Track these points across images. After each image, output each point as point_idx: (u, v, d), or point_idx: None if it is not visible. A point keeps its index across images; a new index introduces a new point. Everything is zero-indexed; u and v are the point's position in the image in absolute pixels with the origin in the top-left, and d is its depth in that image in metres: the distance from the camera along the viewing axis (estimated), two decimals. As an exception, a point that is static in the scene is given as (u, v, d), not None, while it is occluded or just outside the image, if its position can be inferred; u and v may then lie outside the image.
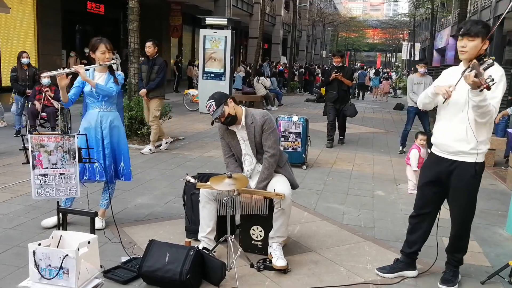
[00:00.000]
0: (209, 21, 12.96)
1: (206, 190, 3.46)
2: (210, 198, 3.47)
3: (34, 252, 2.41)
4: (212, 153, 7.45)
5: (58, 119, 7.91)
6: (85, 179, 3.89)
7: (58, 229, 3.00)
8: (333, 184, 5.96)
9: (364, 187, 5.88)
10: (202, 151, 7.63)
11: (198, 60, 13.88)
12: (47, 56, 13.32)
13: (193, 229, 3.76)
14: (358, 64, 52.25)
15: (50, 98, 7.94)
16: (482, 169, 3.11)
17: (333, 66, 8.85)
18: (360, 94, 23.56)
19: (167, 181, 5.69)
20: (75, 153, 3.07)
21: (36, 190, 3.05)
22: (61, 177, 3.07)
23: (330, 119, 8.69)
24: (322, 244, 3.91)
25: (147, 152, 7.22)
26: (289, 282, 3.22)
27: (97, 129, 3.92)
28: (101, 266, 2.63)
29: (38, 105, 7.89)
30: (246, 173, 3.64)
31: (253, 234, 3.61)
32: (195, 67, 19.42)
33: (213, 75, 12.61)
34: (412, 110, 8.13)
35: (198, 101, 13.05)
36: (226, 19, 13.20)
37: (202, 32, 12.72)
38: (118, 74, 4.00)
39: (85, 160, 3.31)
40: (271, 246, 3.48)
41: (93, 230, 2.92)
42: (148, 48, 7.24)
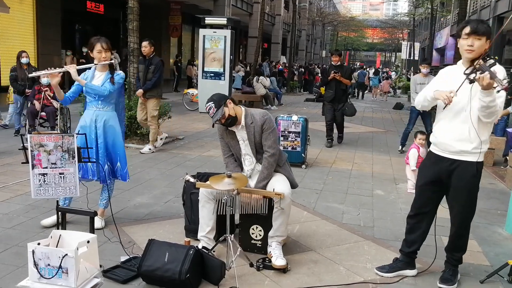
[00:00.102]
0: (209, 21, 12.96)
1: (206, 190, 3.46)
2: (210, 198, 3.47)
3: (33, 252, 2.41)
4: (212, 153, 7.45)
5: (58, 119, 7.91)
6: (79, 178, 3.87)
7: (58, 229, 2.99)
8: (333, 184, 5.96)
9: (364, 187, 5.88)
10: (202, 151, 7.63)
11: (198, 60, 13.87)
12: (47, 56, 13.30)
13: (193, 229, 3.77)
14: (358, 64, 52.28)
15: (50, 98, 7.93)
16: (482, 168, 3.12)
17: (332, 65, 8.76)
18: (360, 94, 23.56)
19: (167, 181, 5.69)
20: (75, 153, 3.07)
21: (36, 190, 3.06)
22: (61, 177, 3.08)
23: (328, 119, 8.67)
24: (322, 244, 3.92)
25: (147, 152, 7.22)
26: (289, 282, 3.22)
27: (92, 128, 3.90)
28: (101, 266, 2.63)
29: (38, 105, 7.88)
30: (246, 173, 3.64)
31: (253, 234, 3.61)
32: (195, 67, 19.41)
33: (213, 75, 12.62)
34: (415, 110, 8.11)
35: (198, 101, 13.06)
36: (226, 19, 13.21)
37: (202, 32, 12.73)
38: (117, 74, 3.97)
39: (85, 160, 3.31)
40: (271, 246, 3.48)
41: (93, 230, 2.92)
42: (144, 48, 7.23)
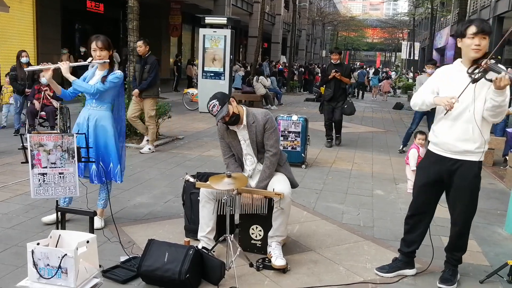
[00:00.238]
0: (209, 20, 12.95)
1: (206, 190, 3.46)
2: (210, 198, 3.47)
3: (33, 252, 2.40)
4: (212, 152, 7.45)
5: (57, 118, 7.91)
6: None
7: (57, 228, 2.99)
8: (333, 184, 5.96)
9: (364, 187, 5.88)
10: (202, 150, 7.63)
11: (198, 59, 13.87)
12: (47, 55, 13.26)
13: (193, 229, 3.76)
14: (358, 64, 52.23)
15: (49, 97, 7.93)
16: (481, 168, 3.12)
17: (331, 64, 8.61)
18: (360, 94, 23.56)
19: (167, 181, 5.68)
20: (74, 152, 3.07)
21: (35, 189, 3.05)
22: (60, 176, 3.07)
23: (326, 119, 8.66)
24: (322, 244, 3.91)
25: (147, 152, 7.22)
26: (288, 282, 3.22)
27: (84, 126, 3.89)
28: (100, 266, 2.63)
29: (38, 104, 7.88)
30: (247, 173, 3.64)
31: (253, 234, 3.61)
32: (195, 66, 19.40)
33: (213, 74, 12.61)
34: (420, 111, 8.06)
35: (198, 100, 13.05)
36: (226, 18, 13.20)
37: (202, 31, 12.71)
38: (113, 73, 3.89)
39: (85, 160, 3.31)
40: (271, 246, 3.48)
41: (92, 230, 2.92)
42: (139, 47, 7.21)
